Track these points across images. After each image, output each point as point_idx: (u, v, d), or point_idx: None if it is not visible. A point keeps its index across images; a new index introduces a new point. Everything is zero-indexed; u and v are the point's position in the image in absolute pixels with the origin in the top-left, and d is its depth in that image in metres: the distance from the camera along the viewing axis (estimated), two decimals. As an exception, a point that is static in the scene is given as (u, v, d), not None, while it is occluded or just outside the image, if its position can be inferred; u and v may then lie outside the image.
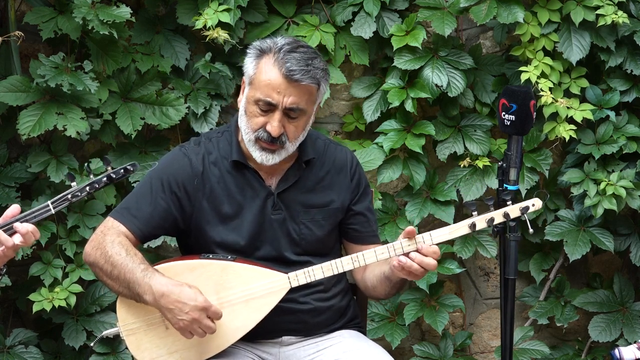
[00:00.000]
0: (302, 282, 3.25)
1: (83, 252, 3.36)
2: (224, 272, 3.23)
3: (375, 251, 3.21)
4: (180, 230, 3.38)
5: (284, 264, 3.32)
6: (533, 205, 3.20)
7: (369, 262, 3.23)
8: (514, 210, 3.20)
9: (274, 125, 3.22)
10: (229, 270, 3.23)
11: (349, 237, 3.47)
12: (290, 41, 3.27)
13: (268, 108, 3.23)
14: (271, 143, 3.25)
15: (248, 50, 3.30)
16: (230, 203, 3.33)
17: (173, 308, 3.14)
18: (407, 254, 3.17)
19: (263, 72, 3.23)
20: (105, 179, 3.15)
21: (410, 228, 3.18)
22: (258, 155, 3.27)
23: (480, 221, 3.20)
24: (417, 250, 3.16)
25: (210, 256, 3.28)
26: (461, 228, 3.20)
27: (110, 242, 3.27)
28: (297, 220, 3.36)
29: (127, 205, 3.35)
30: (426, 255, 3.16)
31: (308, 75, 3.21)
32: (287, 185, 3.35)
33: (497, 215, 3.20)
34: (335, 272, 3.25)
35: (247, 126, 3.27)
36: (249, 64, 3.28)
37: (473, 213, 3.20)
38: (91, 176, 3.15)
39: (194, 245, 3.38)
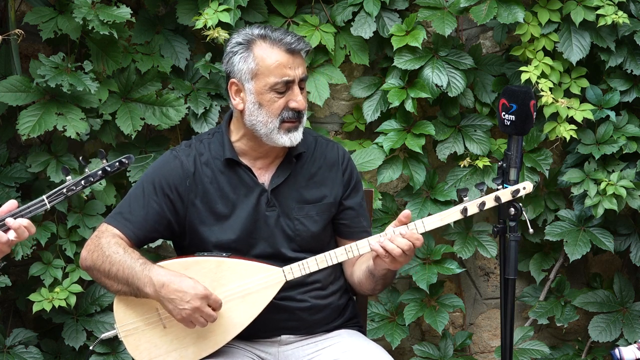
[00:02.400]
0: (297, 274, 3.25)
1: (80, 258, 3.36)
2: (218, 269, 3.24)
3: (368, 240, 3.22)
4: (175, 233, 3.39)
5: (281, 261, 3.31)
6: (524, 188, 3.19)
7: (363, 252, 3.24)
8: (505, 194, 3.20)
9: (298, 99, 3.28)
10: (223, 267, 3.24)
11: (340, 233, 3.47)
12: (260, 25, 3.34)
13: (285, 88, 3.27)
14: (296, 119, 3.30)
15: (230, 50, 3.32)
16: (223, 202, 3.34)
17: (174, 298, 3.15)
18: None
19: (266, 58, 3.26)
20: (100, 172, 3.14)
21: (406, 212, 3.19)
22: (286, 139, 3.30)
23: (472, 206, 3.19)
24: (400, 234, 3.17)
25: (205, 254, 3.28)
26: (453, 214, 3.20)
27: (107, 242, 3.29)
28: (291, 216, 3.36)
29: (120, 210, 3.36)
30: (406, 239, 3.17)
31: (302, 42, 3.30)
32: (280, 181, 3.36)
33: (489, 200, 3.19)
34: (330, 264, 3.25)
35: (268, 115, 3.28)
36: (242, 61, 3.29)
37: (464, 198, 3.20)
38: (86, 170, 3.14)
39: (189, 247, 3.38)
